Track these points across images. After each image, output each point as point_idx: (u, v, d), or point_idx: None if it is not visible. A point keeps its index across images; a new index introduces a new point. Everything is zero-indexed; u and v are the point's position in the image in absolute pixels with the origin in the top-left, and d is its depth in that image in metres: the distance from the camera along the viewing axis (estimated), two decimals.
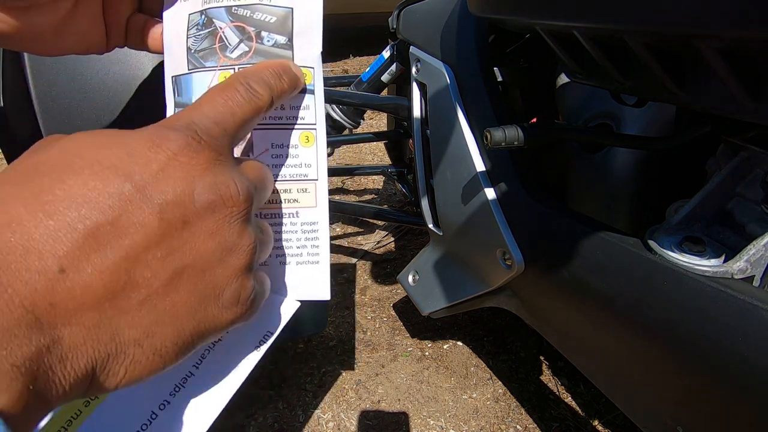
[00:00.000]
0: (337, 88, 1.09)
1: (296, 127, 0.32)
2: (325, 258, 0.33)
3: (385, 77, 1.02)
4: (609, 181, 0.67)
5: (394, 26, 0.89)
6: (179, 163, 0.22)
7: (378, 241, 1.50)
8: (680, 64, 0.39)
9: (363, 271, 1.39)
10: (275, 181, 0.32)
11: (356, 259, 1.43)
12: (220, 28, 0.32)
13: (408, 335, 1.16)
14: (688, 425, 0.48)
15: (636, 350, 0.51)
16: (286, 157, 0.32)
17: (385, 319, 1.21)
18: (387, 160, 1.41)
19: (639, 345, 0.50)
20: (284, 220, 0.32)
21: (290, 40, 0.32)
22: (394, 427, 0.94)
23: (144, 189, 0.20)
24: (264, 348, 0.31)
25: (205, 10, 0.32)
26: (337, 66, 3.43)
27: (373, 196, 1.78)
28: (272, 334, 0.31)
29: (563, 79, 0.73)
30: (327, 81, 1.20)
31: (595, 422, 0.93)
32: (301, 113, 0.32)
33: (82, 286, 0.19)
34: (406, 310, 1.23)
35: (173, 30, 0.33)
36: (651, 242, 0.46)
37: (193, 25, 0.32)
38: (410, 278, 0.91)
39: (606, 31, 0.39)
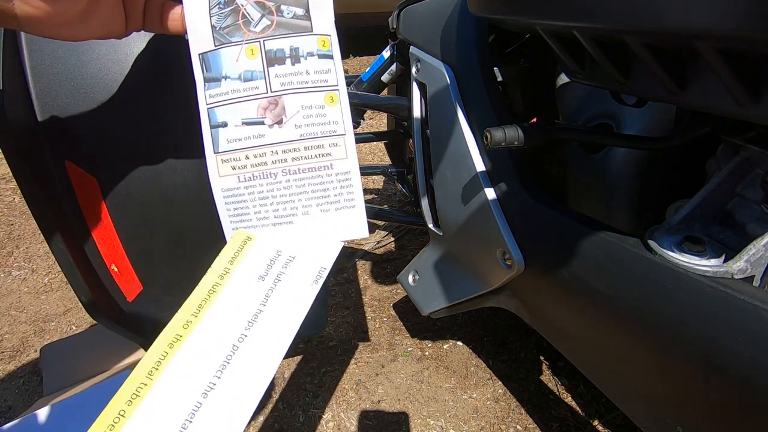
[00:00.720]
0: None
1: (321, 89, 0.35)
2: (360, 202, 0.37)
3: (385, 77, 1.02)
4: (609, 181, 0.67)
5: (394, 26, 0.89)
6: None
7: (378, 241, 1.50)
8: (680, 64, 0.39)
9: (363, 271, 1.39)
10: (309, 138, 0.35)
11: (356, 259, 1.43)
12: (242, 5, 0.34)
13: (408, 335, 1.16)
14: (688, 425, 0.48)
15: (636, 350, 0.51)
16: (316, 116, 0.35)
17: (385, 319, 1.21)
18: (387, 160, 1.41)
19: (639, 345, 0.50)
20: (321, 173, 0.36)
21: (307, 11, 0.35)
22: (394, 427, 0.94)
23: None
24: (320, 282, 0.36)
25: None
26: None
27: (373, 196, 1.78)
28: (326, 269, 0.36)
29: (563, 79, 0.73)
30: None
31: (595, 422, 0.93)
32: (324, 77, 0.35)
33: None
34: (406, 310, 1.22)
35: (195, 10, 0.35)
36: (651, 242, 0.46)
37: (215, 5, 0.35)
38: (410, 278, 0.91)
39: (606, 31, 0.39)
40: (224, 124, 0.36)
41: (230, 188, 0.36)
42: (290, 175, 0.36)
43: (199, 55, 0.35)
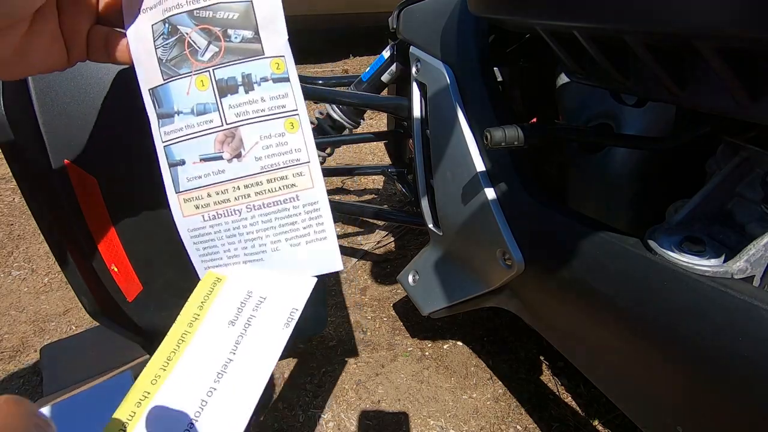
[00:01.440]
0: (337, 88, 1.09)
1: (279, 116, 0.33)
2: (331, 233, 0.34)
3: (385, 77, 1.02)
4: (609, 181, 0.67)
5: (394, 26, 0.89)
6: None
7: (378, 241, 1.50)
8: (680, 64, 0.39)
9: (363, 271, 1.39)
10: (271, 170, 0.33)
11: (356, 259, 1.43)
12: (187, 34, 0.32)
13: (408, 335, 1.16)
14: (688, 425, 0.48)
15: (636, 350, 0.51)
16: (276, 145, 0.33)
17: (385, 319, 1.21)
18: (387, 160, 1.41)
19: (639, 345, 0.50)
20: (287, 206, 0.34)
21: (256, 33, 0.32)
22: (394, 427, 0.94)
23: None
24: (292, 324, 0.34)
25: (167, 18, 0.32)
26: (337, 66, 3.43)
27: (373, 196, 1.78)
28: (297, 310, 0.34)
29: (563, 79, 0.73)
30: (327, 81, 1.20)
31: (595, 422, 0.93)
32: (281, 102, 0.33)
33: None
34: (406, 310, 1.22)
35: (140, 43, 0.33)
36: (651, 242, 0.46)
37: (159, 35, 0.33)
38: (410, 278, 0.91)
39: (606, 31, 0.39)
40: (182, 162, 0.34)
41: (196, 228, 0.35)
42: (255, 210, 0.34)
43: (149, 90, 0.34)
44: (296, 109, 0.33)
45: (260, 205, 0.34)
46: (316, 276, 0.35)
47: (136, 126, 0.55)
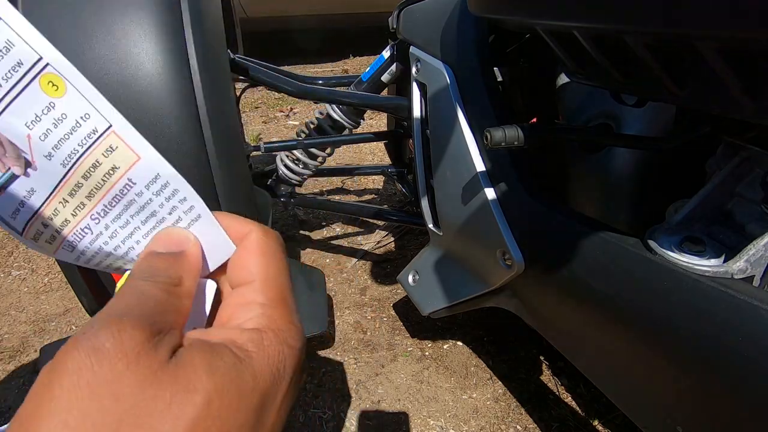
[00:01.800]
0: (337, 88, 1.09)
1: (24, 81, 0.22)
2: (201, 206, 0.25)
3: (385, 77, 1.03)
4: (609, 181, 0.67)
5: (394, 26, 0.89)
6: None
7: (378, 241, 1.50)
8: (680, 64, 0.39)
9: (363, 271, 1.39)
10: (76, 163, 0.23)
11: (356, 259, 1.43)
12: None
13: (408, 335, 1.16)
14: (687, 425, 0.48)
15: (636, 350, 0.51)
16: (55, 126, 0.22)
17: (385, 319, 1.21)
18: (387, 160, 1.41)
19: (639, 345, 0.50)
20: (129, 195, 0.24)
21: None
22: (394, 427, 0.94)
23: None
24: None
25: None
26: (337, 66, 3.43)
27: (373, 196, 1.78)
28: (202, 323, 0.26)
29: (563, 79, 0.73)
30: (327, 81, 1.20)
31: (595, 422, 0.93)
32: (15, 58, 0.21)
33: None
34: (406, 310, 1.22)
35: None
36: (651, 242, 0.46)
37: None
38: (410, 278, 0.91)
39: (606, 31, 0.39)
40: None
41: (72, 261, 0.27)
42: (103, 219, 0.25)
43: None
44: (42, 58, 0.21)
45: (103, 210, 0.25)
46: (213, 279, 0.26)
47: (135, 125, 0.55)
